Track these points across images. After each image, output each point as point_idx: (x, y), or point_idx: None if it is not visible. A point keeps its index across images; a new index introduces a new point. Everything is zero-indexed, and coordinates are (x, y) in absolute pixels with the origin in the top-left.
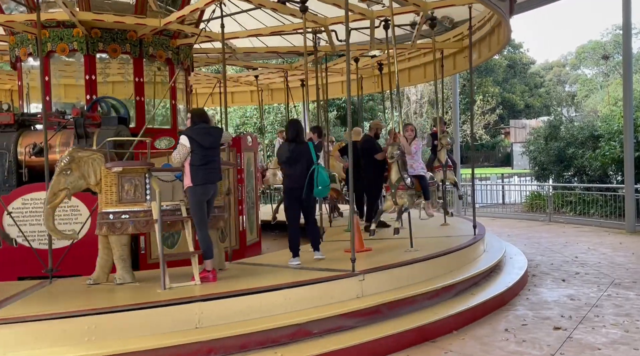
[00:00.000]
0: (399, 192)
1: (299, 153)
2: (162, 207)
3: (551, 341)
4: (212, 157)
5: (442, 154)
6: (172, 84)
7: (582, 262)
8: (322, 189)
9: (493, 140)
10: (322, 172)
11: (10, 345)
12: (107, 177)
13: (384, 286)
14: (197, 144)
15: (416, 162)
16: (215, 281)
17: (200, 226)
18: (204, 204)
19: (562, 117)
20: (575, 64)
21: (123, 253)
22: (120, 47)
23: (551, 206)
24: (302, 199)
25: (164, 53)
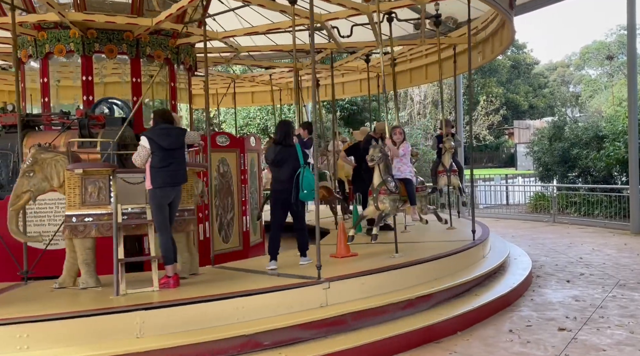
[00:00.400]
0: (380, 196)
1: (285, 156)
2: (127, 210)
3: (556, 342)
4: (174, 159)
5: (446, 158)
6: (153, 83)
7: (587, 263)
8: (308, 193)
9: (497, 141)
10: (308, 175)
11: None
12: (71, 179)
13: (352, 294)
14: (156, 145)
15: (404, 165)
16: (175, 287)
17: (161, 230)
18: (164, 208)
19: (566, 118)
20: (579, 65)
21: (87, 257)
22: (116, 48)
23: (555, 206)
24: (290, 203)
25: (162, 53)
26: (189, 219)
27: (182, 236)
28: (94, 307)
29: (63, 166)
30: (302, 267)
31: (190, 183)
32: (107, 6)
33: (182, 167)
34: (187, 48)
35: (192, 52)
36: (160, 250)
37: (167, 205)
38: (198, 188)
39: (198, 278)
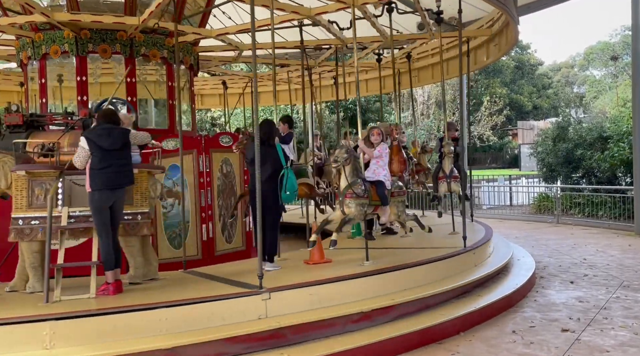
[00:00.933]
0: (346, 200)
1: (265, 155)
2: (75, 213)
3: (559, 343)
4: (115, 160)
5: (445, 163)
6: (124, 80)
7: (591, 264)
8: (290, 195)
9: (500, 141)
10: (291, 177)
11: None
12: (18, 180)
13: (298, 306)
14: (95, 145)
15: (380, 167)
16: (115, 294)
17: (100, 234)
18: (104, 211)
19: (570, 119)
20: (583, 65)
21: (34, 261)
22: (110, 48)
23: (559, 207)
24: (268, 204)
25: (158, 52)
26: (143, 222)
27: (135, 239)
28: (12, 315)
29: (10, 167)
30: (267, 273)
31: (144, 184)
32: (103, 6)
33: (124, 169)
34: (186, 47)
35: (193, 51)
36: (101, 255)
37: (107, 208)
38: (156, 190)
39: (149, 284)
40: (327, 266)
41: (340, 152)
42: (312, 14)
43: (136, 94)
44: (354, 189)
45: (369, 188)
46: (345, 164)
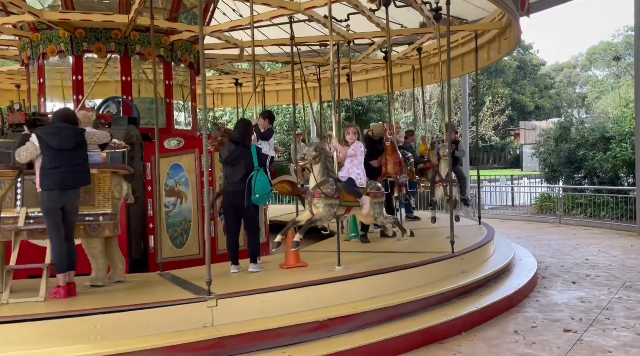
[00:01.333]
0: (314, 200)
1: (239, 156)
2: (33, 213)
3: (561, 344)
4: (67, 160)
5: (442, 166)
6: (96, 80)
7: (593, 264)
8: (260, 197)
9: (502, 141)
10: (262, 178)
11: None
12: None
13: (248, 314)
14: (45, 145)
15: (355, 166)
16: (66, 297)
17: (51, 235)
18: (54, 212)
19: (572, 119)
20: (586, 65)
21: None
22: (104, 46)
23: (561, 208)
24: (242, 205)
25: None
26: (105, 223)
27: (97, 241)
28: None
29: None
30: (252, 274)
31: (107, 185)
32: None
33: (78, 169)
34: (185, 45)
35: (192, 49)
36: (52, 258)
37: (58, 209)
38: (121, 190)
39: (109, 288)
40: (298, 271)
41: (309, 150)
42: (302, 8)
43: (132, 92)
44: (322, 188)
45: (340, 188)
46: (313, 163)
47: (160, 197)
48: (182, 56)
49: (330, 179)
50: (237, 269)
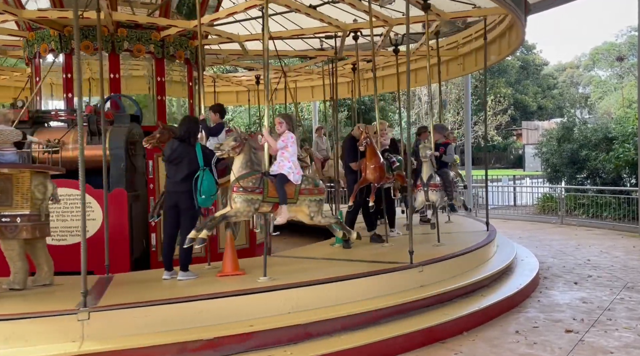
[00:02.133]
0: (233, 194)
1: (183, 154)
2: None
3: (562, 344)
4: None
5: (423, 169)
6: (43, 78)
7: (595, 265)
8: (207, 199)
9: (505, 141)
10: (208, 178)
11: None
12: None
13: (125, 329)
14: None
15: (285, 159)
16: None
17: None
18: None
19: (575, 119)
20: (589, 66)
21: None
22: (92, 44)
23: (563, 208)
24: (183, 207)
25: (144, 47)
26: (23, 225)
27: (14, 243)
28: None
29: None
30: (180, 283)
31: (26, 185)
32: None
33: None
34: (179, 40)
35: (189, 44)
36: None
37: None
38: (45, 191)
39: (25, 292)
40: (223, 280)
41: (228, 140)
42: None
43: (120, 90)
44: (241, 182)
45: (266, 183)
46: (233, 154)
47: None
48: (175, 52)
49: (256, 172)
50: (169, 276)
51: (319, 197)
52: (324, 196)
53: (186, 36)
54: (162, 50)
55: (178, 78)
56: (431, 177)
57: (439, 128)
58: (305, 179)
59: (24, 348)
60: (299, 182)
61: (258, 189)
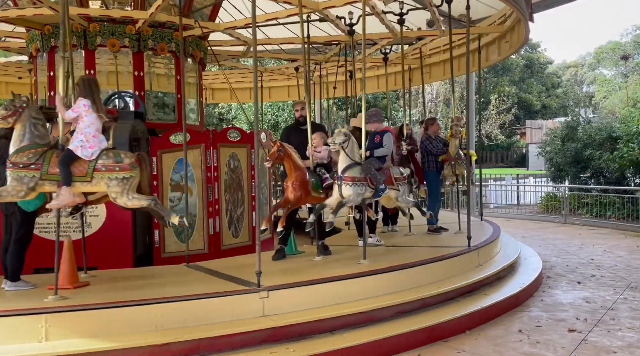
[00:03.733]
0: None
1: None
2: None
3: (565, 344)
4: None
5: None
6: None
7: (598, 264)
8: (30, 202)
9: (508, 140)
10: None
11: None
12: None
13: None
14: None
15: (78, 132)
16: None
17: None
18: None
19: (579, 118)
20: (593, 64)
21: None
22: (118, 42)
23: (567, 207)
24: (9, 211)
25: (166, 46)
26: None
27: None
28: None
29: None
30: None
31: None
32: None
33: None
34: (195, 41)
35: (202, 45)
36: None
37: None
38: None
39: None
40: (72, 292)
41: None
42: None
43: (144, 87)
44: (14, 158)
45: (47, 157)
46: (5, 124)
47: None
48: (193, 52)
49: (37, 146)
50: (12, 288)
51: (122, 174)
52: (131, 173)
53: (200, 37)
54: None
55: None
56: (347, 168)
57: (372, 116)
58: (104, 154)
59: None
60: (92, 157)
61: (35, 165)
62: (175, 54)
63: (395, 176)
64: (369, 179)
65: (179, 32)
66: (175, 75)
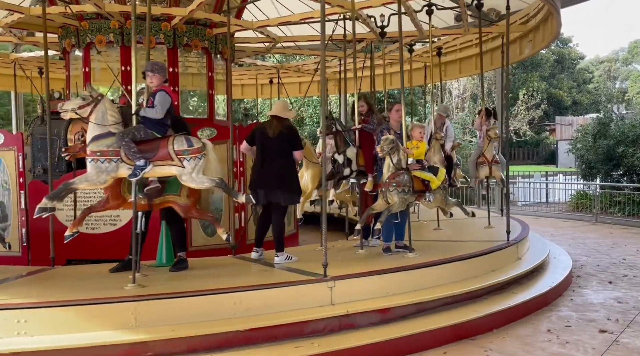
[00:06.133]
0: None
1: None
2: None
3: (596, 344)
4: None
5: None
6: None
7: (631, 264)
8: None
9: (537, 137)
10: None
11: None
12: None
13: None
14: None
15: None
16: None
17: None
18: None
19: (612, 114)
20: (627, 59)
21: None
22: (154, 38)
23: (598, 206)
24: None
25: (200, 42)
26: None
27: None
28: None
29: None
30: None
31: None
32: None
33: None
34: (224, 38)
35: (231, 42)
36: None
37: None
38: None
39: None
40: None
41: None
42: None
43: (179, 83)
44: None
45: None
46: None
47: None
48: (222, 49)
49: None
50: None
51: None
52: None
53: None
54: (214, 46)
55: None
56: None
57: (154, 65)
58: None
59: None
60: None
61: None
62: (207, 51)
63: (177, 148)
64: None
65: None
66: (207, 72)
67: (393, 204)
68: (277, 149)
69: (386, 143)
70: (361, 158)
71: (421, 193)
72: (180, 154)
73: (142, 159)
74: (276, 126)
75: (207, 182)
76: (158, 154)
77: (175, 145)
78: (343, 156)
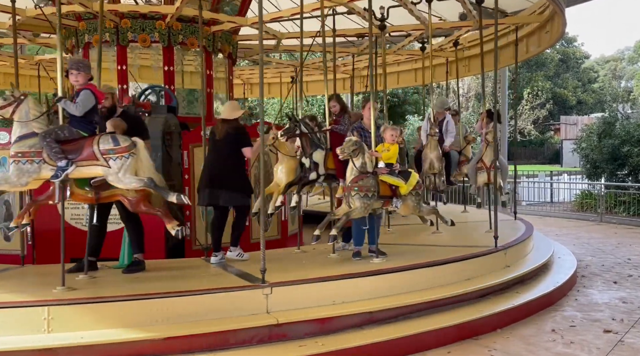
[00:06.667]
0: None
1: None
2: None
3: (601, 345)
4: None
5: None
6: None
7: (636, 264)
8: None
9: (542, 136)
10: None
11: None
12: None
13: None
14: None
15: None
16: None
17: None
18: None
19: (617, 114)
20: (633, 58)
21: None
22: (149, 37)
23: (603, 205)
24: None
25: (197, 40)
26: None
27: None
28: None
29: None
30: None
31: None
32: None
33: None
34: (225, 35)
35: (232, 39)
36: None
37: None
38: None
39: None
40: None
41: None
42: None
43: (174, 82)
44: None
45: None
46: None
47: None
48: (222, 47)
49: None
50: None
51: None
52: None
53: (229, 32)
54: (212, 45)
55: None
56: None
57: (77, 63)
58: None
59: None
60: None
61: None
62: (205, 49)
63: (102, 148)
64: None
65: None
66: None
67: (354, 209)
68: (224, 150)
69: (348, 145)
70: (330, 161)
71: (388, 199)
72: (105, 154)
73: (63, 160)
74: (222, 128)
75: (135, 182)
76: (83, 153)
77: (101, 144)
78: (309, 160)
